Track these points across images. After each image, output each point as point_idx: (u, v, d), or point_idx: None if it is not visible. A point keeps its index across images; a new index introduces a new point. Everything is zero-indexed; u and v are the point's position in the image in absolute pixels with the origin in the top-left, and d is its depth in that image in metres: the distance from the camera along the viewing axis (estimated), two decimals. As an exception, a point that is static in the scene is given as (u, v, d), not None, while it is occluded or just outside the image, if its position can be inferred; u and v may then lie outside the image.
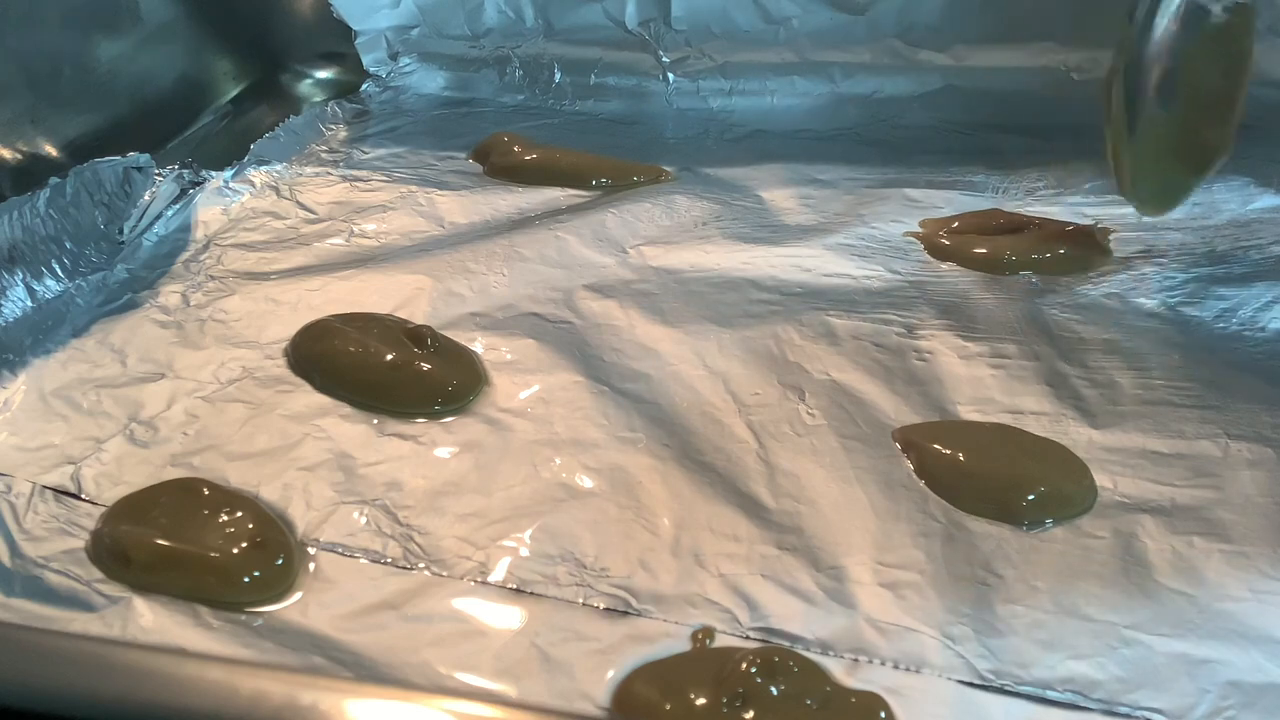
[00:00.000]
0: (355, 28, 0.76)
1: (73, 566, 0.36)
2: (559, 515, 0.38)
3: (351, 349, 0.45)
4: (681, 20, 0.71)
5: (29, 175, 0.56)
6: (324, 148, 0.67)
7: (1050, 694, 0.31)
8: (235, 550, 0.36)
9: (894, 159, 0.63)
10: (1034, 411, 0.42)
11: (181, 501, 0.38)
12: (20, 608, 0.35)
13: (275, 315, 0.49)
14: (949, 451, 0.40)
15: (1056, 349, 0.46)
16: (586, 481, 0.40)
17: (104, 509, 0.39)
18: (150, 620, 0.34)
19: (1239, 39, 0.48)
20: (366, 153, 0.66)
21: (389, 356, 0.44)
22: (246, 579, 0.35)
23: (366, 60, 0.77)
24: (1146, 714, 0.31)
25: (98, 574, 0.36)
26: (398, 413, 0.43)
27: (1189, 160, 0.50)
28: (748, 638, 0.34)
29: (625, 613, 0.34)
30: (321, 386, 0.45)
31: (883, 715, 0.31)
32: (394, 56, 0.77)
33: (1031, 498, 0.38)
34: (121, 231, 0.56)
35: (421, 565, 0.36)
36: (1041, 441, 0.41)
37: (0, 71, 0.57)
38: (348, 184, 0.62)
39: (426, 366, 0.44)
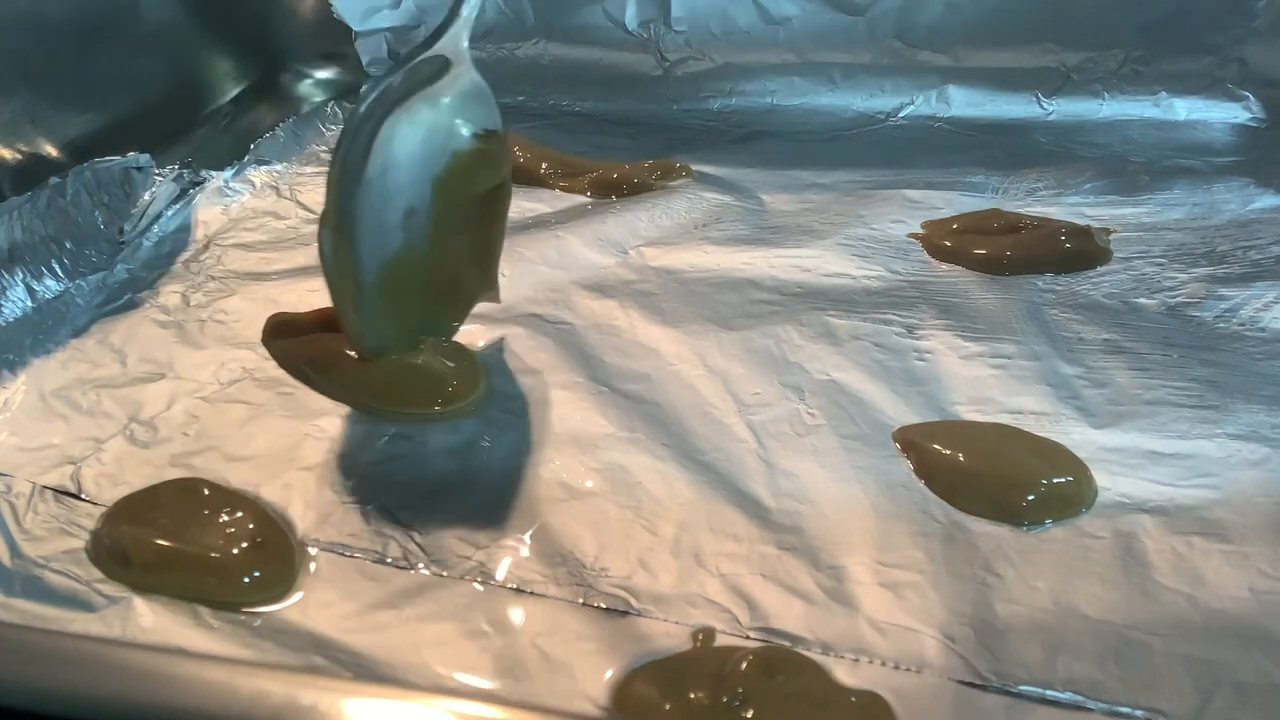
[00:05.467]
0: (355, 28, 0.76)
1: (73, 566, 0.36)
2: (559, 515, 0.38)
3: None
4: (681, 20, 0.72)
5: (29, 175, 0.56)
6: (324, 148, 0.67)
7: (1050, 694, 0.31)
8: (235, 550, 0.36)
9: (894, 160, 0.64)
10: (1034, 411, 0.42)
11: (181, 501, 0.38)
12: (20, 608, 0.35)
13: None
14: (949, 451, 0.40)
15: (1056, 349, 0.46)
16: (586, 481, 0.40)
17: (104, 509, 0.39)
18: (150, 620, 0.34)
19: (496, 167, 0.44)
20: (366, 153, 0.66)
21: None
22: (246, 579, 0.35)
23: (366, 61, 0.77)
24: (1147, 714, 0.31)
25: (98, 574, 0.36)
26: (398, 413, 0.43)
27: (445, 302, 0.45)
28: (748, 638, 0.33)
29: (625, 613, 0.34)
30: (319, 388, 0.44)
31: (883, 715, 0.31)
32: (394, 57, 0.77)
33: (1031, 498, 0.38)
34: (121, 231, 0.56)
35: (421, 565, 0.36)
36: (1041, 441, 0.41)
37: (0, 71, 0.57)
38: (348, 184, 0.62)
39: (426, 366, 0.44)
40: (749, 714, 0.30)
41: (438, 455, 0.41)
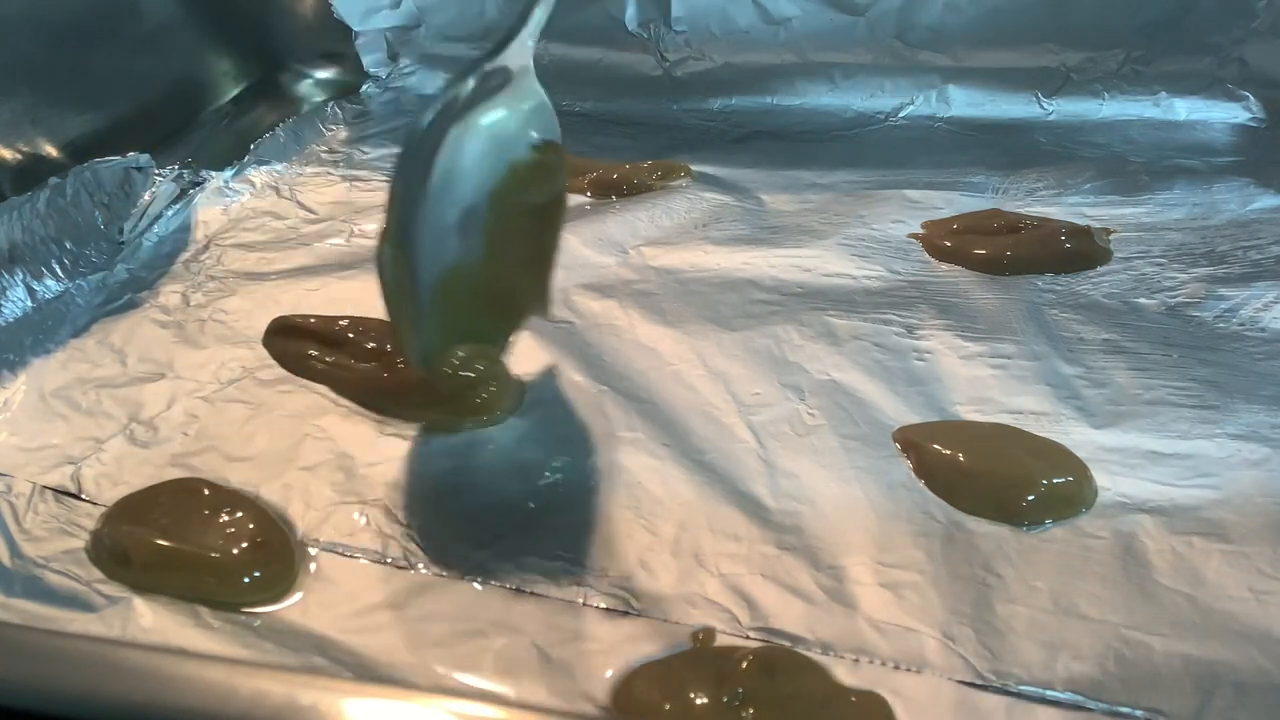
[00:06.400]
0: (355, 28, 0.76)
1: (73, 566, 0.36)
2: (560, 515, 0.38)
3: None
4: (681, 20, 0.72)
5: (29, 175, 0.56)
6: (324, 148, 0.67)
7: (1050, 694, 0.31)
8: (235, 550, 0.36)
9: (894, 160, 0.63)
10: (1034, 411, 0.42)
11: (181, 501, 0.38)
12: (20, 608, 0.35)
13: (276, 315, 0.49)
14: (949, 451, 0.40)
15: (1056, 349, 0.46)
16: (586, 481, 0.40)
17: (104, 509, 0.39)
18: (150, 620, 0.34)
19: (552, 178, 0.42)
20: (367, 153, 0.66)
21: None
22: (247, 579, 0.35)
23: (367, 61, 0.77)
24: (1147, 714, 0.31)
25: (98, 574, 0.36)
26: (398, 414, 0.43)
27: (498, 317, 0.43)
28: (748, 638, 0.34)
29: (625, 613, 0.34)
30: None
31: (883, 715, 0.31)
32: (394, 57, 0.77)
33: (1031, 498, 0.38)
34: (121, 231, 0.56)
35: (421, 565, 0.36)
36: (1041, 441, 0.41)
37: (0, 71, 0.57)
38: (348, 184, 0.62)
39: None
40: (749, 714, 0.30)
41: (438, 455, 0.41)
